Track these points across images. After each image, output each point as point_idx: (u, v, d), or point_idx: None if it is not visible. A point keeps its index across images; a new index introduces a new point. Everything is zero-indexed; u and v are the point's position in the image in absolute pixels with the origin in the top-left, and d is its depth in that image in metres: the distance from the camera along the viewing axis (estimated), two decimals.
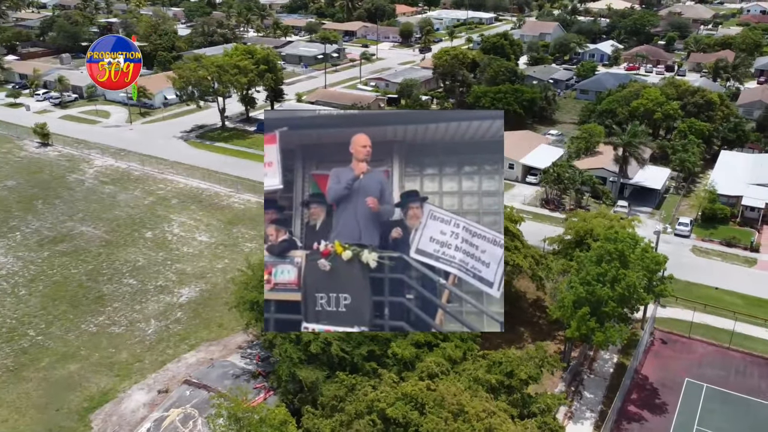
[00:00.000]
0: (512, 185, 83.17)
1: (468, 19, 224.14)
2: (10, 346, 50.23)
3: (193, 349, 50.05)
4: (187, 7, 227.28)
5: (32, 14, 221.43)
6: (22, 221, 71.83)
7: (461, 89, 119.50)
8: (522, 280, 56.59)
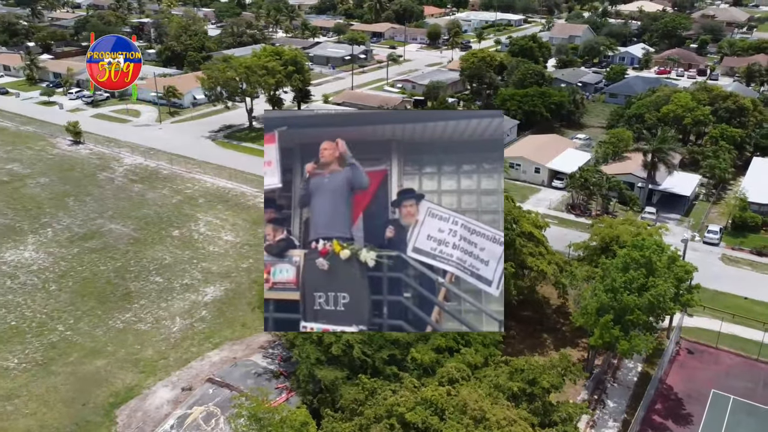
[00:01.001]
0: (538, 189, 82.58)
1: (497, 21, 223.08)
2: (40, 341, 51.35)
3: (216, 348, 50.65)
4: (218, 8, 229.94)
5: (67, 14, 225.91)
6: (54, 218, 73.35)
7: (488, 92, 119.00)
8: (546, 287, 56.15)
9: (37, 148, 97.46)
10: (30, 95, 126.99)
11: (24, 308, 55.64)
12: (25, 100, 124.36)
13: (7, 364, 48.51)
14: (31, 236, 68.75)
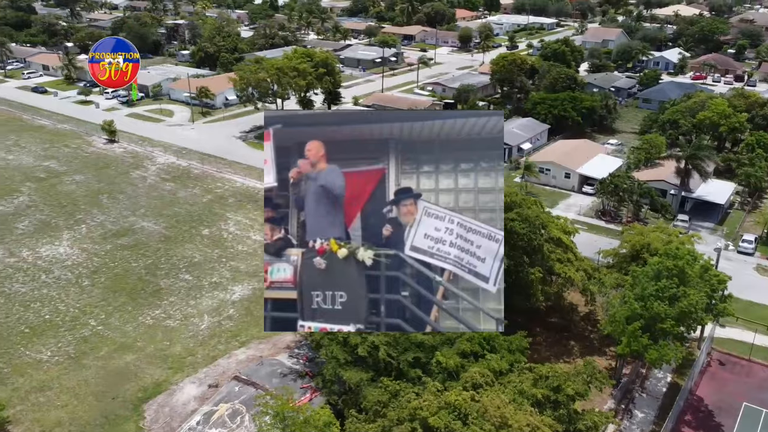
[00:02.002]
0: (568, 195, 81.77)
1: (529, 25, 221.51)
2: (72, 334, 52.50)
3: (243, 346, 51.21)
4: (251, 10, 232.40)
5: (105, 15, 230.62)
6: (88, 215, 74.93)
7: (519, 95, 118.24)
8: (574, 293, 55.58)
9: (73, 146, 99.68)
10: (68, 94, 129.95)
11: (58, 302, 56.96)
12: (62, 99, 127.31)
13: (40, 357, 49.72)
14: (66, 232, 70.34)
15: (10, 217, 73.98)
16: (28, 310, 55.79)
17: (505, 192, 51.26)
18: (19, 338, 51.96)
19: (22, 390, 46.13)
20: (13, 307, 56.18)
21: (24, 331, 52.85)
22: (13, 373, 47.85)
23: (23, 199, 79.00)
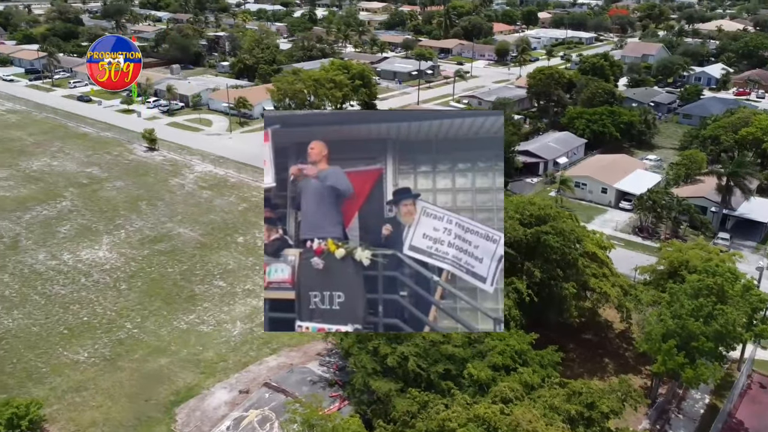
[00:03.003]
0: (604, 210, 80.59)
1: (567, 39, 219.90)
2: (109, 337, 53.56)
3: (274, 353, 51.53)
4: (290, 23, 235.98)
5: (148, 27, 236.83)
6: (127, 220, 76.58)
7: (555, 109, 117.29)
8: (609, 310, 54.62)
9: (115, 153, 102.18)
10: (111, 103, 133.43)
11: (96, 305, 58.22)
12: (106, 108, 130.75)
13: (77, 358, 50.82)
14: (106, 237, 71.98)
15: (53, 221, 76.06)
16: (68, 311, 57.14)
17: (540, 205, 51.03)
18: (58, 339, 53.22)
19: (59, 389, 47.18)
20: (53, 308, 57.63)
21: (63, 332, 54.12)
22: (52, 373, 48.99)
23: (66, 204, 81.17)
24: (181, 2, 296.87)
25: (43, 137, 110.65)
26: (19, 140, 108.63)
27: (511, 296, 44.86)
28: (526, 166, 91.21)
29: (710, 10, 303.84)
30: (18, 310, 57.16)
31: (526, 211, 49.82)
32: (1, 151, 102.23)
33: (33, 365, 49.87)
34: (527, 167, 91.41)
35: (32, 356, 50.89)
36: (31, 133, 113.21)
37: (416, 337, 39.60)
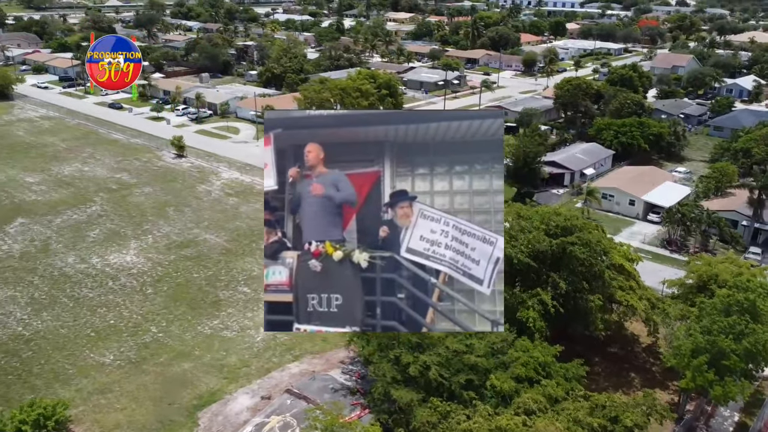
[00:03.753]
0: (632, 222, 79.52)
1: (595, 50, 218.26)
2: (134, 340, 54.22)
3: (296, 360, 51.66)
4: (318, 33, 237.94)
5: (179, 36, 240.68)
6: (155, 225, 77.64)
7: (583, 120, 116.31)
8: (635, 323, 53.75)
9: (144, 160, 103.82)
10: (141, 110, 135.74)
11: (122, 308, 59.01)
12: (136, 115, 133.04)
13: (103, 360, 51.51)
14: (134, 242, 73.03)
15: (83, 225, 77.43)
16: (95, 314, 58.01)
17: (566, 215, 50.54)
18: (85, 341, 54.02)
19: (84, 391, 47.84)
20: (81, 311, 58.55)
21: (90, 335, 54.93)
22: (78, 375, 49.72)
23: (95, 209, 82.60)
24: (211, 12, 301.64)
25: (75, 143, 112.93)
26: (52, 146, 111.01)
27: (535, 307, 44.45)
28: (553, 176, 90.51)
29: (742, 22, 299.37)
30: (47, 312, 58.21)
31: (551, 221, 49.39)
32: (35, 157, 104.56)
33: (60, 367, 50.67)
34: (553, 178, 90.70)
35: (60, 358, 51.72)
36: (63, 138, 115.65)
37: (439, 346, 39.40)
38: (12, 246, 71.65)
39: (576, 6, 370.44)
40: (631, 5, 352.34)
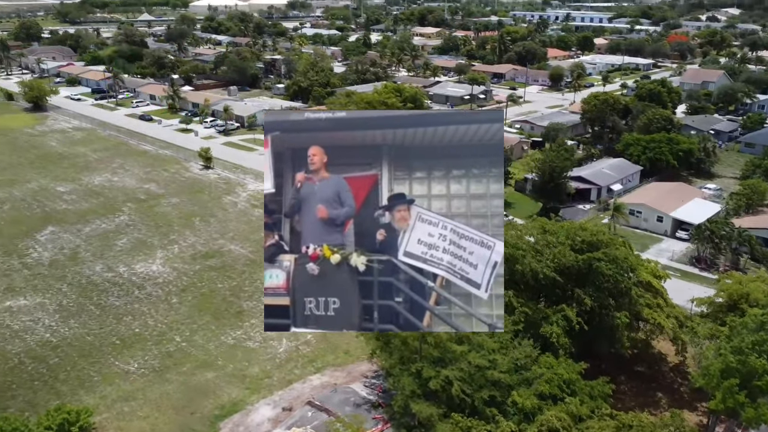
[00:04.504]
0: (660, 239, 78.25)
1: (624, 65, 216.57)
2: (158, 349, 54.67)
3: (318, 372, 51.58)
4: (345, 47, 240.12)
5: (209, 50, 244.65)
6: (181, 236, 78.52)
7: (610, 136, 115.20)
8: (663, 342, 52.67)
9: (172, 171, 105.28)
10: (170, 122, 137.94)
11: (147, 317, 59.62)
12: (165, 127, 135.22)
13: (128, 368, 52.00)
14: (160, 251, 73.90)
15: (111, 234, 78.62)
16: (120, 322, 58.69)
17: (592, 231, 49.94)
18: (110, 349, 54.63)
19: (109, 398, 48.30)
20: (107, 318, 59.28)
21: (115, 343, 55.54)
22: (103, 382, 50.25)
23: (124, 218, 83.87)
24: (240, 27, 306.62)
25: (106, 154, 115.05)
26: (83, 156, 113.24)
27: (559, 323, 43.84)
28: (579, 192, 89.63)
29: None
30: (74, 320, 59.05)
31: (577, 236, 48.83)
32: (67, 167, 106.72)
33: (86, 373, 51.27)
34: (580, 193, 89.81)
35: (85, 365, 52.35)
36: (94, 149, 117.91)
37: (461, 361, 39.03)
38: (42, 254, 73.00)
39: (604, 21, 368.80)
40: (660, 20, 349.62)
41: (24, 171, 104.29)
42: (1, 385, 49.72)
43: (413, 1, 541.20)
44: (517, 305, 44.53)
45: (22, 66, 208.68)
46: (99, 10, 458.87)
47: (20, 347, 54.68)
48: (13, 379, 50.45)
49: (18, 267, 69.71)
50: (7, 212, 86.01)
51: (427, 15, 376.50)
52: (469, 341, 40.21)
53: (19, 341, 55.56)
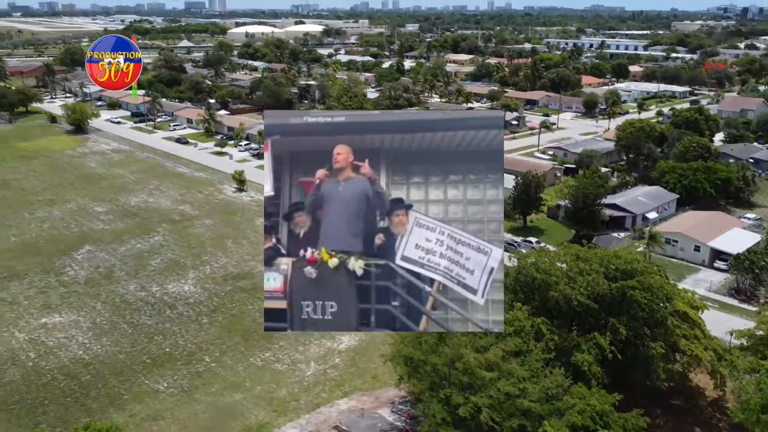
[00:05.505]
0: (697, 269, 76.36)
1: (659, 92, 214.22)
2: (188, 369, 54.98)
3: (346, 396, 51.21)
4: (379, 73, 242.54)
5: (245, 76, 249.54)
6: (213, 257, 79.36)
7: (645, 163, 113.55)
8: (700, 375, 51.04)
9: (206, 193, 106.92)
10: (206, 146, 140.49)
11: (178, 337, 60.12)
12: (201, 150, 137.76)
13: (157, 387, 52.35)
14: (192, 272, 74.74)
15: (146, 254, 79.88)
16: (152, 341, 59.27)
17: (626, 258, 48.97)
18: (140, 367, 55.13)
19: (138, 417, 48.60)
20: (139, 337, 59.95)
21: (146, 361, 56.05)
22: (133, 400, 50.63)
23: (158, 239, 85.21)
24: (276, 53, 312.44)
25: (143, 175, 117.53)
26: (120, 177, 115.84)
27: (592, 352, 42.86)
28: (613, 219, 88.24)
29: None
30: (107, 337, 59.85)
31: (611, 264, 47.90)
32: (105, 188, 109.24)
33: (116, 391, 51.76)
34: (614, 221, 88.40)
35: (116, 382, 52.88)
36: (132, 171, 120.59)
37: (491, 388, 38.35)
38: (78, 272, 74.44)
39: (639, 49, 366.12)
40: (697, 48, 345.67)
41: (64, 191, 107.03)
42: (33, 401, 50.48)
43: (447, 28, 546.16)
44: (547, 333, 43.74)
45: (66, 90, 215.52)
46: (141, 36, 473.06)
47: (54, 363, 55.55)
48: (46, 395, 51.18)
49: (55, 284, 71.18)
50: (47, 231, 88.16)
51: (460, 42, 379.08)
52: (499, 368, 39.54)
53: (53, 357, 56.48)
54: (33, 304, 66.43)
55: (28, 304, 66.64)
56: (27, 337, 59.98)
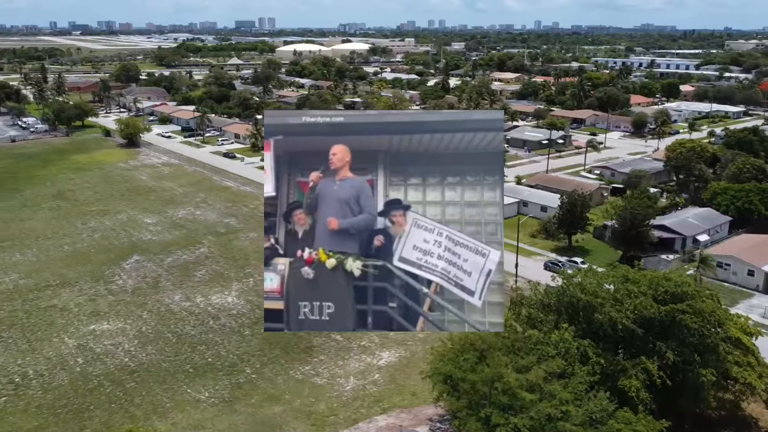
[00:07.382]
0: (750, 294, 73.58)
1: (711, 112, 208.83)
2: (229, 379, 55.51)
3: (384, 413, 50.84)
4: (423, 91, 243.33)
5: (292, 93, 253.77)
6: (256, 269, 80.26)
7: (696, 184, 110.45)
8: (754, 404, 48.97)
9: (251, 207, 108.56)
10: (252, 160, 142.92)
11: (220, 347, 60.84)
12: (247, 164, 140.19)
13: (199, 396, 52.97)
14: (236, 284, 75.75)
15: (191, 265, 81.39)
16: (195, 351, 60.13)
17: (676, 281, 47.48)
18: (183, 376, 55.92)
19: (179, 425, 49.22)
20: (183, 347, 60.90)
21: (189, 371, 56.84)
22: (175, 409, 51.33)
23: (203, 251, 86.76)
24: (323, 71, 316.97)
25: (191, 188, 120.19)
26: (169, 190, 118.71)
27: (639, 377, 41.57)
28: (662, 241, 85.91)
29: None
30: (152, 346, 60.99)
31: (660, 287, 46.52)
32: (154, 200, 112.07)
33: (159, 399, 52.58)
34: (663, 243, 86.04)
35: (160, 391, 53.73)
36: (180, 184, 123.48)
37: (531, 409, 37.52)
38: (126, 281, 76.30)
39: (691, 68, 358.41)
40: (752, 68, 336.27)
41: (115, 202, 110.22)
42: (80, 406, 51.69)
43: (492, 47, 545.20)
44: (592, 356, 42.63)
45: (120, 105, 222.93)
46: (192, 54, 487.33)
47: (101, 370, 56.85)
48: (92, 401, 52.34)
49: (104, 293, 73.07)
50: (98, 241, 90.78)
51: (506, 60, 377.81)
52: (541, 389, 38.68)
53: (100, 364, 57.81)
54: (83, 311, 68.30)
55: (78, 310, 68.54)
56: (76, 343, 61.63)
